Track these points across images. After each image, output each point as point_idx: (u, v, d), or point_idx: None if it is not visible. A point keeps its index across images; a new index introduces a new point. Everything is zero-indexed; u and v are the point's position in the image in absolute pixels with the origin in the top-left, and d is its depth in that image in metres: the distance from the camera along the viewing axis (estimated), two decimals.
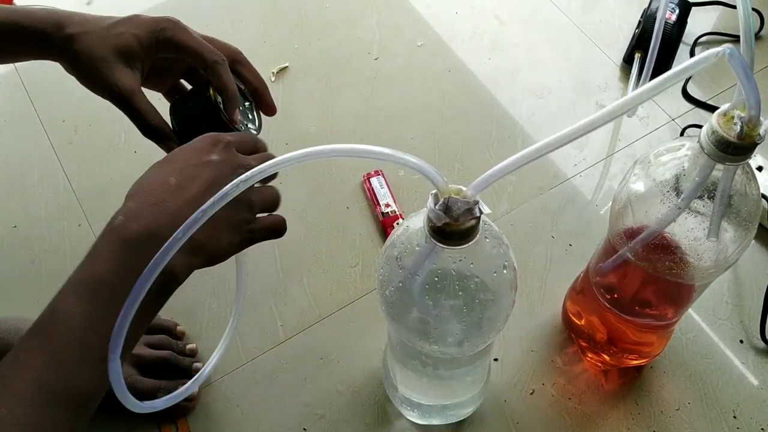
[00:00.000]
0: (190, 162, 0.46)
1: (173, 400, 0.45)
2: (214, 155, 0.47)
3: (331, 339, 0.69)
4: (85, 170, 0.81)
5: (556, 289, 0.70)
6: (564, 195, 0.78)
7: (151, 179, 0.45)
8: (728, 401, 0.64)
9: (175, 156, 0.47)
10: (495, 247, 0.43)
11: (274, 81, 0.88)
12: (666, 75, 0.34)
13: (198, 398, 0.65)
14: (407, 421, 0.64)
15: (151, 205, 0.43)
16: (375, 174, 0.78)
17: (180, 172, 0.45)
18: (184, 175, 0.45)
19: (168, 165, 0.46)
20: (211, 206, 0.32)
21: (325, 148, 0.34)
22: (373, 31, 0.93)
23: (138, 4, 0.96)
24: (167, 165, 0.46)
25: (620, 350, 0.63)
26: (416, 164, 0.35)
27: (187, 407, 0.64)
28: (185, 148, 0.48)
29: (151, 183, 0.45)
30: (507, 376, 0.66)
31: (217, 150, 0.48)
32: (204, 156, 0.47)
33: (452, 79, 0.88)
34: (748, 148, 0.40)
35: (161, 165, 0.47)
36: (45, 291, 0.72)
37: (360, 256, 0.74)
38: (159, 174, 0.45)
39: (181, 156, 0.47)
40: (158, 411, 0.63)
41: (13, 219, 0.78)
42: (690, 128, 0.82)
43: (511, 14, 0.95)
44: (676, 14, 0.87)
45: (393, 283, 0.43)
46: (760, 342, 0.67)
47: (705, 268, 0.49)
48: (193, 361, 0.66)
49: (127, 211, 0.43)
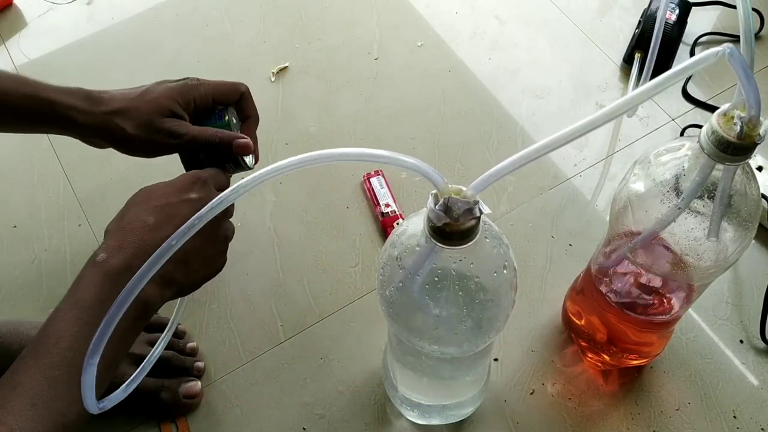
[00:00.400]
0: (169, 201, 0.50)
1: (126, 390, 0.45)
2: (192, 193, 0.51)
3: (331, 339, 0.69)
4: (85, 170, 0.81)
5: (556, 289, 0.70)
6: (564, 195, 0.78)
7: (131, 218, 0.49)
8: (728, 401, 0.64)
9: (156, 194, 0.51)
10: (495, 247, 0.43)
11: (274, 81, 0.88)
12: (666, 74, 0.34)
13: (201, 395, 0.65)
14: (407, 421, 0.64)
15: (130, 242, 0.47)
16: (375, 174, 0.78)
17: (159, 211, 0.49)
18: (163, 215, 0.49)
19: (147, 203, 0.50)
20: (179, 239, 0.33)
21: (322, 154, 0.34)
22: (373, 31, 0.93)
23: (138, 4, 0.96)
24: (147, 202, 0.50)
25: (620, 350, 0.63)
26: (416, 165, 0.35)
27: (189, 404, 0.64)
28: (167, 187, 0.51)
29: (131, 222, 0.48)
30: (507, 376, 0.66)
31: (196, 188, 0.51)
32: (183, 194, 0.50)
33: (452, 79, 0.88)
34: (748, 148, 0.40)
35: (141, 202, 0.50)
36: (45, 291, 0.72)
37: (360, 256, 0.74)
38: (139, 213, 0.49)
39: (161, 194, 0.50)
40: (159, 410, 0.64)
41: (13, 219, 0.78)
42: (690, 128, 0.82)
43: (511, 14, 0.95)
44: (676, 14, 0.87)
45: (393, 283, 0.43)
46: (760, 342, 0.67)
47: (705, 268, 0.49)
48: (194, 360, 0.66)
49: (108, 248, 0.47)
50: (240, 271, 0.73)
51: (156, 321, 0.68)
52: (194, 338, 0.69)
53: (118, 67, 0.90)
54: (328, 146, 0.83)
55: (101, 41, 0.93)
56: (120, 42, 0.93)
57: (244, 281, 0.72)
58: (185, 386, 0.64)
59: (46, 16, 0.97)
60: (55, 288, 0.72)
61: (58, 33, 0.94)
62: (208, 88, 0.60)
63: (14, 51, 0.92)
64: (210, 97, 0.60)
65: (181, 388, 0.64)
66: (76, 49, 0.92)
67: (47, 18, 0.96)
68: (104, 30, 0.94)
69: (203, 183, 0.52)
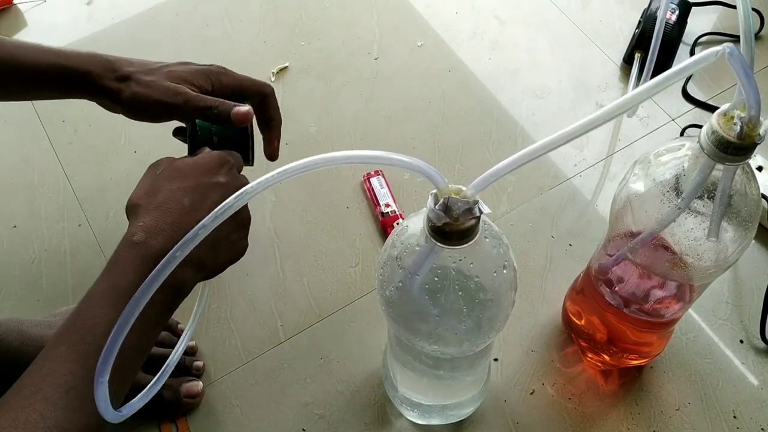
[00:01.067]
0: (201, 182, 0.49)
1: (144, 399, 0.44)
2: (221, 177, 0.50)
3: (331, 339, 0.69)
4: (85, 170, 0.81)
5: (556, 289, 0.70)
6: (564, 195, 0.78)
7: (166, 197, 0.48)
8: (728, 401, 0.64)
9: (185, 171, 0.50)
10: (495, 247, 0.43)
11: (274, 81, 0.88)
12: (666, 74, 0.34)
13: (202, 395, 0.65)
14: (407, 421, 0.64)
15: (169, 224, 0.46)
16: (375, 174, 0.78)
17: (193, 192, 0.48)
18: (197, 196, 0.48)
19: (180, 181, 0.49)
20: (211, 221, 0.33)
21: (322, 158, 0.34)
22: (373, 31, 0.93)
23: (138, 4, 0.96)
24: (179, 180, 0.49)
25: (620, 350, 0.63)
26: (416, 165, 0.35)
27: (190, 404, 0.64)
28: (196, 166, 0.50)
29: (167, 201, 0.47)
30: (507, 376, 0.66)
31: (224, 171, 0.51)
32: (213, 177, 0.50)
33: (452, 79, 0.88)
34: (748, 148, 0.40)
35: (172, 178, 0.49)
36: (45, 291, 0.72)
37: (360, 256, 0.74)
38: (174, 192, 0.48)
39: (192, 174, 0.50)
40: (160, 409, 0.63)
41: (13, 219, 0.78)
42: (690, 128, 0.82)
43: (511, 14, 0.95)
44: (676, 14, 0.87)
45: (393, 283, 0.43)
46: (760, 342, 0.67)
47: (705, 268, 0.49)
48: (194, 360, 0.66)
49: (146, 228, 0.46)
50: (240, 271, 0.73)
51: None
52: (194, 338, 0.69)
53: None
54: (328, 146, 0.83)
55: (101, 41, 0.93)
56: (120, 42, 0.93)
57: (244, 281, 0.72)
58: (186, 385, 0.64)
59: (46, 16, 0.97)
60: (55, 288, 0.72)
61: (58, 33, 0.94)
62: (230, 79, 0.59)
63: None
64: (230, 88, 0.59)
65: (182, 387, 0.64)
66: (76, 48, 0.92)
67: (47, 18, 0.96)
68: (104, 30, 0.94)
69: (231, 167, 0.52)
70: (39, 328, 0.61)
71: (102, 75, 0.56)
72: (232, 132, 0.57)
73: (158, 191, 0.49)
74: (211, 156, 0.52)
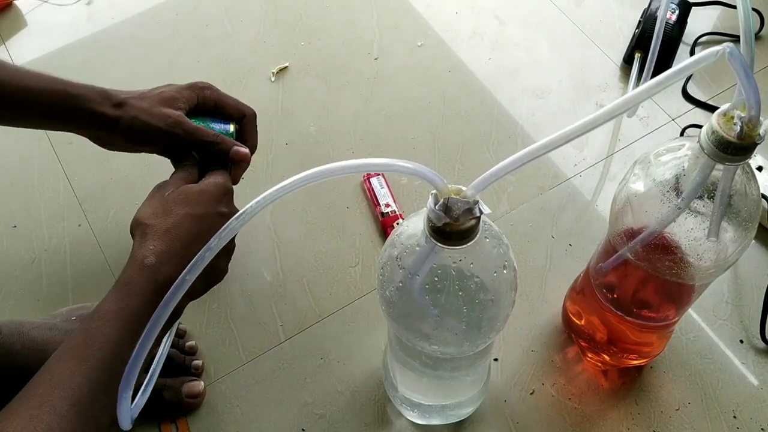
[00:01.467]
0: (208, 211, 0.52)
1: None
2: (223, 206, 0.53)
3: (331, 339, 0.69)
4: (85, 170, 0.81)
5: (556, 289, 0.70)
6: (564, 195, 0.78)
7: (177, 221, 0.50)
8: (728, 401, 0.64)
9: (195, 198, 0.52)
10: (495, 247, 0.43)
11: (274, 81, 0.88)
12: (666, 74, 0.34)
13: (204, 395, 0.65)
14: (407, 421, 0.64)
15: (178, 250, 0.49)
16: (375, 174, 0.78)
17: (201, 220, 0.51)
18: (204, 224, 0.51)
19: (189, 207, 0.51)
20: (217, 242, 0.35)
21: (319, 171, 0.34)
22: (373, 31, 0.93)
23: (138, 4, 0.96)
24: (188, 206, 0.51)
25: (620, 350, 0.63)
26: (414, 169, 0.35)
27: (192, 404, 0.65)
28: (204, 194, 0.53)
29: (177, 227, 0.50)
30: (507, 376, 0.66)
31: (226, 200, 0.54)
32: (217, 206, 0.53)
33: (452, 79, 0.88)
34: (748, 148, 0.40)
35: (182, 203, 0.51)
36: (45, 291, 0.72)
37: (360, 256, 0.74)
38: (184, 218, 0.50)
39: (200, 201, 0.52)
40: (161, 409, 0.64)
41: (13, 219, 0.78)
42: (690, 128, 0.82)
43: (511, 14, 0.95)
44: (676, 14, 0.87)
45: (393, 283, 0.43)
46: (760, 342, 0.67)
47: (705, 268, 0.49)
48: (193, 359, 0.67)
49: (158, 252, 0.48)
50: (240, 271, 0.73)
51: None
52: (194, 338, 0.69)
53: (118, 67, 0.90)
54: (328, 146, 0.83)
55: (101, 41, 0.93)
56: (120, 42, 0.93)
57: (244, 281, 0.72)
58: (188, 385, 0.64)
59: (46, 16, 0.97)
60: (55, 288, 0.72)
61: (58, 33, 0.94)
62: (213, 93, 0.61)
63: (14, 51, 0.92)
64: (213, 101, 0.61)
65: (183, 387, 0.64)
66: (76, 48, 0.92)
67: (47, 18, 0.96)
68: (104, 30, 0.94)
69: (231, 196, 0.55)
70: (39, 331, 0.61)
71: (98, 101, 0.57)
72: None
73: (167, 214, 0.50)
74: (216, 185, 0.54)
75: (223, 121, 0.61)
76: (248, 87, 0.88)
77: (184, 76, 0.88)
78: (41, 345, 0.59)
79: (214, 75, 0.89)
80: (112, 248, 0.74)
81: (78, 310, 0.66)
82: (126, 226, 0.52)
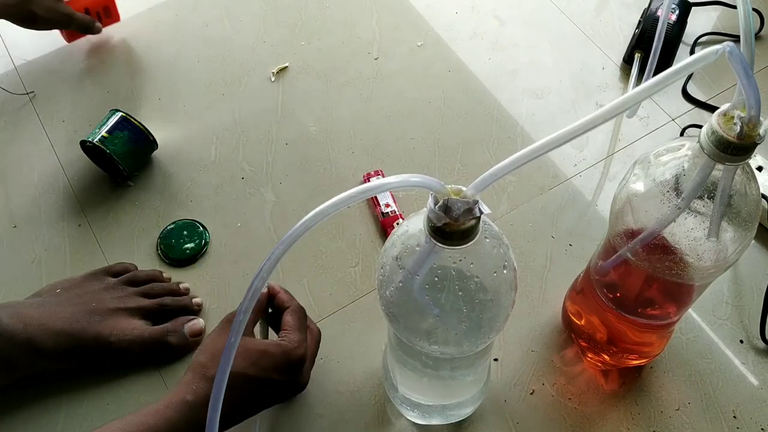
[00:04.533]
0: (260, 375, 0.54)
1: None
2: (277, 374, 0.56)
3: (331, 339, 0.69)
4: (85, 170, 0.81)
5: (556, 289, 0.70)
6: (564, 195, 0.78)
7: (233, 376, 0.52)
8: (728, 401, 0.64)
9: (256, 359, 0.54)
10: (495, 247, 0.43)
11: (274, 81, 0.88)
12: (665, 73, 0.34)
13: (204, 332, 0.68)
14: (407, 421, 0.64)
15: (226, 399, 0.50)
16: (375, 174, 0.78)
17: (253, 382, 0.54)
18: (255, 386, 0.54)
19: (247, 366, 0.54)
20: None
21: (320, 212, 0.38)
22: (373, 31, 0.93)
23: (138, 4, 0.96)
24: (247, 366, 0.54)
25: (620, 350, 0.63)
26: (410, 181, 0.35)
27: (197, 343, 0.66)
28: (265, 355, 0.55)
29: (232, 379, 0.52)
30: (507, 376, 0.66)
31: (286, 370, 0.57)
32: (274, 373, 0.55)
33: (452, 79, 0.88)
34: (748, 148, 0.40)
35: (242, 357, 0.54)
36: None
37: (360, 256, 0.74)
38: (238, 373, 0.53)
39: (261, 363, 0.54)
40: (169, 354, 0.67)
41: (13, 219, 0.78)
42: (690, 128, 0.82)
43: (511, 14, 0.95)
44: (676, 14, 0.87)
45: (393, 283, 0.43)
46: (760, 342, 0.67)
47: (705, 268, 0.49)
48: (192, 297, 0.69)
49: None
50: (240, 272, 0.73)
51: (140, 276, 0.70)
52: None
53: (117, 67, 0.90)
54: (328, 146, 0.83)
55: (101, 41, 0.93)
56: (120, 42, 0.93)
57: (244, 281, 0.72)
58: (189, 326, 0.66)
59: None
60: None
61: (57, 33, 0.94)
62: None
63: (14, 51, 0.92)
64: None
65: (185, 329, 0.66)
66: (76, 49, 0.92)
67: None
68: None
69: (296, 369, 0.57)
70: (33, 309, 0.63)
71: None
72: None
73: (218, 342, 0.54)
74: (281, 354, 0.55)
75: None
76: (248, 87, 0.88)
77: (184, 76, 0.89)
78: (39, 321, 0.62)
79: (214, 75, 0.89)
80: (112, 248, 0.74)
81: (59, 285, 0.68)
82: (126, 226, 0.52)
